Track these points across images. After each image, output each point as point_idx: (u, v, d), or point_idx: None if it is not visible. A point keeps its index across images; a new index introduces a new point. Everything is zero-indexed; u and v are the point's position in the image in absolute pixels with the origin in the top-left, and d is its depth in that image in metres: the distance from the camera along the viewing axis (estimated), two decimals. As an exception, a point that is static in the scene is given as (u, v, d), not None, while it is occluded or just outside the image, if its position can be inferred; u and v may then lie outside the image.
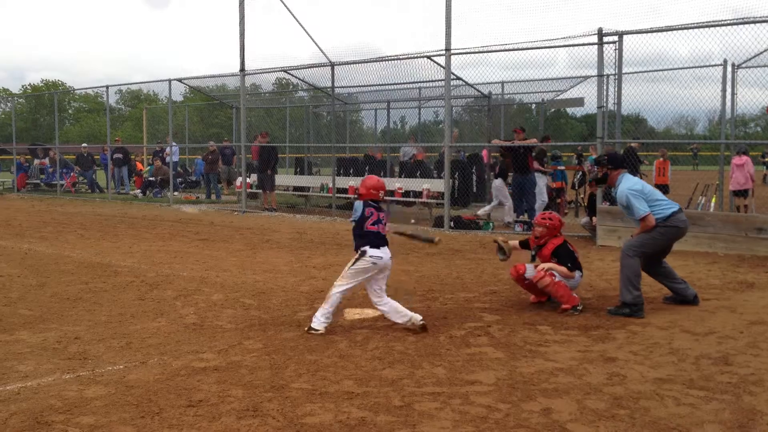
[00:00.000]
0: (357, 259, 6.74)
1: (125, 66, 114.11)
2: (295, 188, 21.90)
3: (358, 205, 6.85)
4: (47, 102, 41.94)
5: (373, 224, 6.77)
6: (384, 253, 6.75)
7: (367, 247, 6.72)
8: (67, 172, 28.87)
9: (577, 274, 7.89)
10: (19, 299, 8.48)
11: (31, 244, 13.32)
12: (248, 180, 21.00)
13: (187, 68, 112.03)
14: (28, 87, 73.10)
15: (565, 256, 7.92)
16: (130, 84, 59.56)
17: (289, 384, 5.31)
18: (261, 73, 21.18)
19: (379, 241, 6.76)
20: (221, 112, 37.80)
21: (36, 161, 30.23)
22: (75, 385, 5.32)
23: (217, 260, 11.28)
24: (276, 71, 21.04)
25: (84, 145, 29.78)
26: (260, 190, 20.91)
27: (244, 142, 20.55)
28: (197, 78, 24.30)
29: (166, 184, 24.94)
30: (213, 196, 24.33)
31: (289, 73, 20.75)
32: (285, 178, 22.27)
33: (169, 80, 22.80)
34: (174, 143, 25.12)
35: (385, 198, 7.37)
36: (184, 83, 23.91)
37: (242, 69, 19.66)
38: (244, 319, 7.45)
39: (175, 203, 22.52)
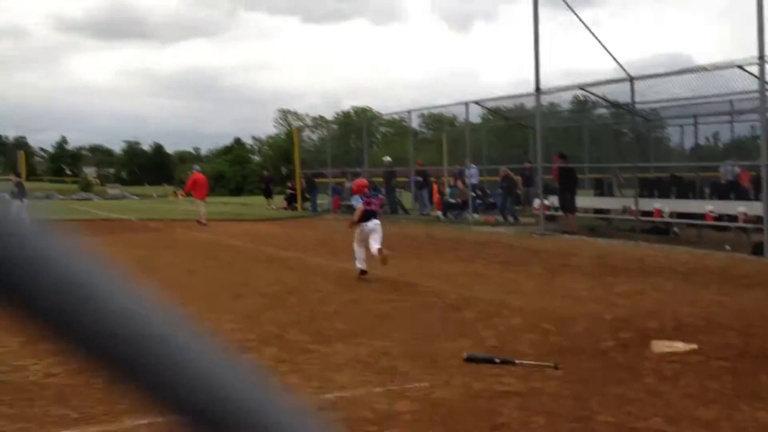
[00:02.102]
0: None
1: (429, 89, 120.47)
2: (595, 210, 21.30)
3: (356, 198, 12.46)
4: (356, 127, 45.33)
5: (367, 205, 11.81)
6: (369, 222, 11.61)
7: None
8: (375, 194, 30.76)
9: None
10: (335, 314, 9.23)
11: (344, 263, 14.42)
12: (546, 202, 20.83)
13: (488, 85, 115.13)
14: (340, 113, 80.00)
15: None
16: (431, 108, 62.27)
17: (594, 416, 5.13)
18: (556, 91, 20.97)
19: (367, 216, 11.68)
20: (518, 132, 37.96)
21: (347, 184, 32.74)
22: (385, 399, 5.63)
23: (516, 283, 11.31)
24: (571, 89, 20.73)
25: (387, 158, 30.53)
26: (559, 212, 20.64)
27: (541, 163, 20.45)
28: (493, 99, 24.71)
29: (466, 206, 25.62)
30: (510, 219, 24.48)
31: (586, 90, 20.31)
32: (585, 200, 21.72)
33: (467, 103, 23.47)
34: (473, 165, 25.72)
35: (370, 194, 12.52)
36: (481, 105, 24.43)
37: (537, 89, 19.63)
38: (543, 345, 7.37)
39: (475, 225, 23.03)
